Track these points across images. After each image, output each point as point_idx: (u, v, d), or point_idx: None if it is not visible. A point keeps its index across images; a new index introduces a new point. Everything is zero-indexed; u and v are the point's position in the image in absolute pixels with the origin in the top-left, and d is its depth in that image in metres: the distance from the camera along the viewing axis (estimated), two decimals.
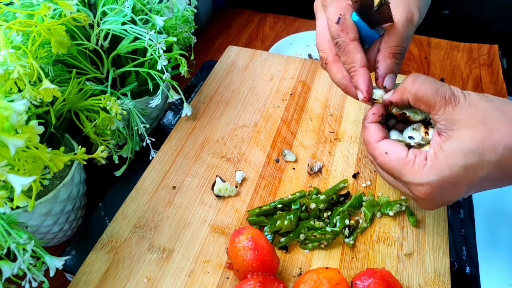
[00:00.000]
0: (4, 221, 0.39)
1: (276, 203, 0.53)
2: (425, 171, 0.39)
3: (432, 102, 0.40)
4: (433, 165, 0.39)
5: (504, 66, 0.90)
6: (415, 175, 0.40)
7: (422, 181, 0.39)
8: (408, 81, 0.42)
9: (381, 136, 0.44)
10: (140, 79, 0.60)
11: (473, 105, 0.38)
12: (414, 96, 0.41)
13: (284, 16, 1.04)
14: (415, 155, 0.41)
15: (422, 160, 0.40)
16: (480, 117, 0.37)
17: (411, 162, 0.40)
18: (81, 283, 0.47)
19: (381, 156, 0.43)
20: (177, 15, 0.63)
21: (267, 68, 0.76)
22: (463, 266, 0.49)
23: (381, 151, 0.43)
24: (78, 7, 0.51)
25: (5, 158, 0.37)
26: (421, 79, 0.41)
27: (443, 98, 0.39)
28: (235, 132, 0.64)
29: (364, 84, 0.44)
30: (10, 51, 0.40)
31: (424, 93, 0.40)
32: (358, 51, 0.44)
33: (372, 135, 0.44)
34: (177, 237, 0.51)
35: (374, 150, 0.44)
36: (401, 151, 0.41)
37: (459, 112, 0.38)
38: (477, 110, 0.38)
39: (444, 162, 0.38)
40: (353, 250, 0.50)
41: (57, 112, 0.50)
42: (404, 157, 0.41)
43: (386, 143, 0.43)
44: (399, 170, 0.41)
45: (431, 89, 0.40)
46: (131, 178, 0.58)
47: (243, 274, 0.44)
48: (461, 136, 0.38)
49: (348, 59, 0.44)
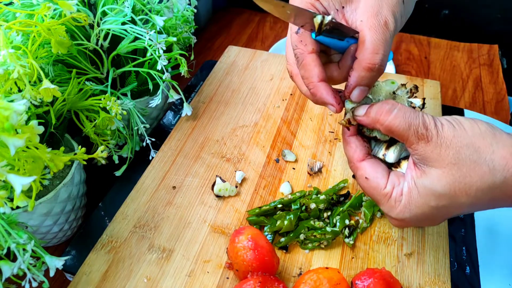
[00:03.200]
0: (4, 221, 0.38)
1: (276, 203, 0.53)
2: (400, 208, 0.39)
3: (405, 137, 0.38)
4: (407, 203, 0.39)
5: (504, 66, 0.90)
6: (390, 209, 0.40)
7: (396, 217, 0.40)
8: (381, 112, 0.39)
9: (363, 153, 0.43)
10: (140, 79, 0.60)
11: (444, 144, 0.37)
12: (386, 129, 0.39)
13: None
14: (392, 186, 0.40)
15: (398, 196, 0.40)
16: (452, 158, 0.36)
17: (388, 195, 0.40)
18: (81, 283, 0.47)
19: (361, 179, 0.42)
20: (177, 15, 0.63)
21: (267, 68, 0.76)
22: (463, 266, 0.49)
23: (362, 174, 0.42)
24: (78, 7, 0.51)
25: (5, 158, 0.37)
26: (394, 112, 0.38)
27: (415, 134, 0.38)
28: (235, 132, 0.64)
29: (328, 97, 0.40)
30: (10, 51, 0.40)
31: (397, 127, 0.38)
32: (316, 65, 0.40)
33: (354, 152, 0.43)
34: (177, 237, 0.51)
35: (356, 170, 0.43)
36: (381, 180, 0.41)
37: (432, 150, 0.37)
38: (449, 150, 0.36)
39: (417, 200, 0.38)
40: (353, 250, 0.50)
41: (57, 112, 0.50)
42: (382, 189, 0.40)
43: (368, 166, 0.42)
44: (377, 200, 0.41)
45: (403, 124, 0.38)
46: (131, 178, 0.58)
47: (243, 274, 0.44)
48: (433, 176, 0.37)
49: (306, 73, 0.41)
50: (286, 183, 0.57)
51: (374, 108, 0.40)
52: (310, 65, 0.40)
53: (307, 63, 0.40)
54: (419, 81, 0.72)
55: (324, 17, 0.37)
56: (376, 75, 0.40)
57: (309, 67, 0.40)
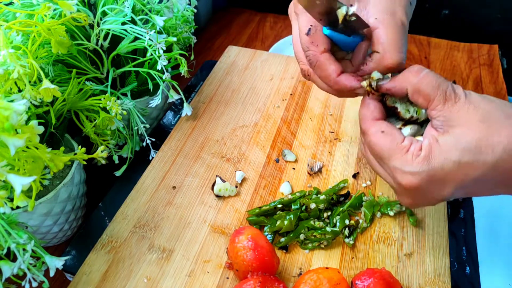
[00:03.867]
0: (4, 221, 0.38)
1: (276, 203, 0.53)
2: (417, 161, 0.37)
3: (432, 96, 0.38)
4: (426, 156, 0.37)
5: (504, 66, 0.90)
6: (406, 162, 0.38)
7: (413, 170, 0.38)
8: (411, 72, 0.39)
9: (381, 116, 0.42)
10: (140, 79, 0.60)
11: (473, 104, 0.37)
12: (414, 88, 0.39)
13: (284, 16, 1.04)
14: (411, 142, 0.39)
15: (417, 150, 0.38)
16: (480, 116, 0.36)
17: (405, 148, 0.38)
18: (81, 283, 0.47)
19: (376, 134, 0.40)
20: (177, 15, 0.63)
21: (267, 68, 0.76)
22: (463, 266, 0.49)
23: (377, 129, 0.40)
24: (78, 7, 0.51)
25: (5, 158, 0.37)
26: (424, 71, 0.39)
27: (443, 94, 0.38)
28: (235, 132, 0.64)
29: (354, 83, 0.41)
30: (10, 51, 0.40)
31: (426, 86, 0.38)
32: (330, 63, 0.41)
33: (372, 112, 0.41)
34: (177, 237, 0.51)
35: (370, 127, 0.41)
36: (398, 135, 0.39)
37: (458, 110, 0.37)
38: (478, 110, 0.37)
39: (438, 155, 0.37)
40: (353, 250, 0.50)
41: (57, 112, 0.50)
42: (400, 142, 0.39)
43: (385, 123, 0.41)
44: (391, 154, 0.39)
45: (432, 83, 0.38)
46: (131, 178, 0.58)
47: (243, 274, 0.44)
48: (458, 133, 0.36)
49: (323, 72, 0.42)
50: (286, 183, 0.57)
51: (402, 72, 0.40)
52: (325, 65, 0.41)
53: (321, 63, 0.41)
54: None
55: (348, 8, 0.38)
56: None
57: (325, 67, 0.41)
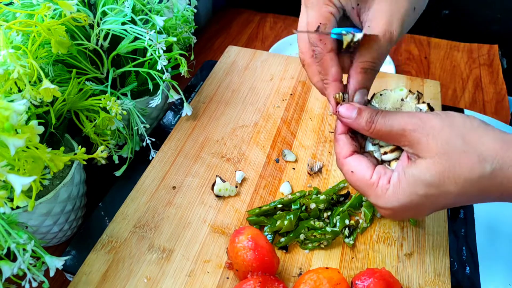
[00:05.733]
0: (4, 221, 0.39)
1: (276, 203, 0.53)
2: (387, 196, 0.39)
3: (390, 140, 0.40)
4: (395, 191, 0.39)
5: (504, 66, 0.90)
6: (377, 198, 0.40)
7: (384, 205, 0.40)
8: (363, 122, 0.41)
9: (350, 150, 0.43)
10: (140, 79, 0.60)
11: (432, 134, 0.37)
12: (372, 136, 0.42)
13: (284, 16, 1.04)
14: (379, 176, 0.40)
15: (385, 184, 0.40)
16: (440, 148, 0.36)
17: (374, 184, 0.40)
18: (81, 283, 0.47)
19: (347, 174, 0.43)
20: (177, 15, 0.63)
21: (267, 68, 0.76)
22: (463, 266, 0.49)
23: (348, 169, 0.42)
24: (78, 7, 0.51)
25: (5, 158, 0.37)
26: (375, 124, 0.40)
27: (399, 134, 0.39)
28: (235, 132, 0.64)
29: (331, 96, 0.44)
30: (10, 51, 0.40)
31: (381, 137, 0.41)
32: (333, 65, 0.42)
33: (341, 149, 0.44)
34: (177, 237, 0.51)
35: (342, 166, 0.43)
36: (366, 172, 0.41)
37: (418, 141, 0.38)
38: (437, 141, 0.37)
39: (405, 189, 0.38)
40: (353, 250, 0.50)
41: (57, 112, 0.50)
42: (368, 179, 0.41)
43: (353, 160, 0.42)
44: (364, 191, 0.41)
45: (386, 131, 0.40)
46: (131, 178, 0.58)
47: (243, 274, 0.44)
48: (422, 165, 0.37)
49: (323, 70, 0.43)
50: (286, 183, 0.57)
51: (356, 119, 0.42)
52: (328, 64, 0.43)
53: (325, 62, 0.43)
54: (419, 81, 0.72)
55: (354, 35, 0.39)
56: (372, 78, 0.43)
57: (327, 66, 0.43)
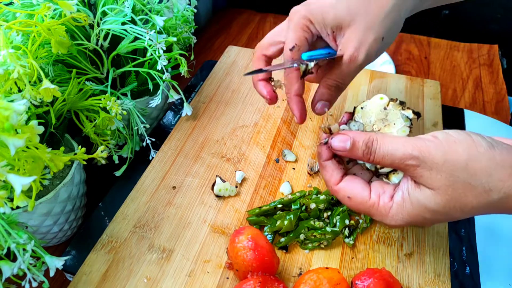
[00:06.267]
0: (4, 221, 0.38)
1: (276, 203, 0.53)
2: (391, 214, 0.40)
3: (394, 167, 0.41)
4: (399, 210, 0.39)
5: (504, 66, 0.90)
6: (382, 216, 0.40)
7: (389, 223, 0.40)
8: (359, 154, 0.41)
9: (340, 176, 0.43)
10: (140, 79, 0.60)
11: (435, 168, 0.36)
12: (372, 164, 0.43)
13: (284, 16, 1.03)
14: (378, 195, 0.41)
15: (387, 202, 0.40)
16: (445, 180, 0.36)
17: (375, 204, 0.40)
18: (81, 283, 0.47)
19: (344, 200, 0.43)
20: (177, 15, 0.63)
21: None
22: (463, 266, 0.49)
23: (343, 195, 0.42)
24: (78, 7, 0.51)
25: (5, 158, 0.37)
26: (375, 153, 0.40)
27: (401, 166, 0.39)
28: (235, 132, 0.64)
29: (297, 111, 0.49)
30: (10, 51, 0.40)
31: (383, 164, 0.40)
32: (297, 82, 0.47)
33: (331, 176, 0.43)
34: (177, 237, 0.51)
35: (336, 194, 0.43)
36: (363, 193, 0.41)
37: (421, 174, 0.37)
38: (442, 173, 0.36)
39: (409, 210, 0.39)
40: (353, 250, 0.50)
41: (57, 112, 0.50)
42: (367, 200, 0.41)
43: (346, 184, 0.42)
44: (367, 212, 0.41)
45: (388, 163, 0.40)
46: (131, 178, 0.58)
47: (243, 274, 0.44)
48: (427, 194, 0.37)
49: (287, 85, 0.49)
50: (286, 183, 0.57)
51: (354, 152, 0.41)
52: (292, 80, 0.48)
53: (291, 78, 0.48)
54: (419, 81, 0.72)
55: (307, 65, 0.45)
56: (335, 94, 0.48)
57: (291, 82, 0.48)
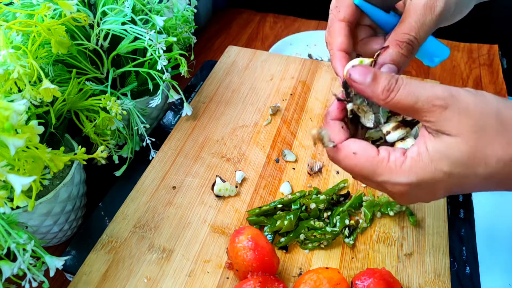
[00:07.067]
0: (4, 221, 0.38)
1: (276, 203, 0.53)
2: (404, 169, 0.35)
3: (414, 112, 0.35)
4: (414, 165, 0.35)
5: (504, 66, 0.90)
6: (391, 173, 0.35)
7: (401, 180, 0.35)
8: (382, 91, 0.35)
9: (344, 137, 0.38)
10: (140, 79, 0.59)
11: (464, 111, 0.33)
12: (391, 108, 0.36)
13: (284, 16, 1.04)
14: (387, 151, 0.36)
15: (398, 157, 0.35)
16: (473, 126, 0.33)
17: (385, 159, 0.36)
18: (81, 283, 0.47)
19: (348, 158, 0.37)
20: (177, 15, 0.63)
21: (267, 68, 0.76)
22: (463, 266, 0.49)
23: (347, 153, 0.37)
24: (78, 7, 0.51)
25: (5, 158, 0.37)
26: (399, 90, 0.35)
27: (426, 105, 0.34)
28: (235, 132, 0.64)
29: (338, 67, 0.40)
30: (10, 51, 0.40)
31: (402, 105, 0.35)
32: (340, 34, 0.40)
33: (335, 135, 0.38)
34: (177, 237, 0.51)
35: (339, 152, 0.38)
36: (372, 150, 0.36)
37: (449, 118, 0.33)
38: (470, 118, 0.33)
39: (427, 164, 0.34)
40: (353, 250, 0.50)
41: (57, 112, 0.50)
42: (376, 155, 0.36)
43: (352, 142, 0.37)
44: (373, 170, 0.36)
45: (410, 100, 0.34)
46: (131, 178, 0.58)
47: (243, 274, 0.44)
48: (449, 143, 0.33)
49: (330, 39, 0.41)
50: (286, 183, 0.57)
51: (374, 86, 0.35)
52: (335, 33, 0.40)
53: (333, 30, 0.40)
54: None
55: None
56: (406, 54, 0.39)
57: (334, 34, 0.40)
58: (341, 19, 0.40)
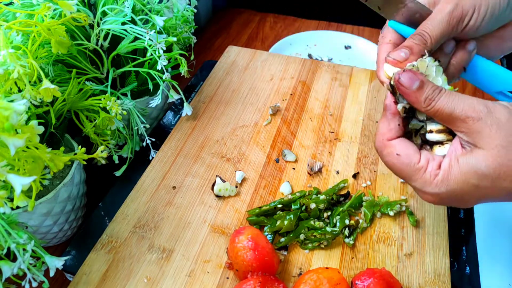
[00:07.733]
0: (4, 221, 0.38)
1: (276, 203, 0.53)
2: (436, 182, 0.38)
3: (449, 121, 0.38)
4: (445, 178, 0.37)
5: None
6: (425, 183, 0.38)
7: (432, 191, 0.38)
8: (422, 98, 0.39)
9: (396, 135, 0.41)
10: (140, 79, 0.60)
11: (496, 124, 0.35)
12: (429, 114, 0.39)
13: (284, 16, 1.04)
14: (427, 160, 0.39)
15: (434, 169, 0.38)
16: (503, 139, 0.34)
17: (423, 169, 0.38)
18: (81, 283, 0.47)
19: (390, 156, 0.40)
20: (177, 15, 0.63)
21: (267, 68, 0.76)
22: (463, 266, 0.49)
23: (391, 151, 0.40)
24: (78, 7, 0.51)
25: (5, 158, 0.37)
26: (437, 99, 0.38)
27: (460, 116, 0.36)
28: (235, 132, 0.64)
29: (382, 77, 0.44)
30: (10, 51, 0.40)
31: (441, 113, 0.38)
32: (386, 50, 0.44)
33: (388, 130, 0.41)
34: (177, 237, 0.51)
35: (385, 148, 0.41)
36: (414, 156, 0.39)
37: (480, 129, 0.35)
38: (501, 131, 0.34)
39: (457, 177, 0.36)
40: (353, 250, 0.50)
41: (57, 112, 0.50)
42: (417, 163, 0.39)
43: (398, 143, 0.40)
44: (409, 176, 0.39)
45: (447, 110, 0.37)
46: (131, 178, 0.58)
47: (243, 274, 0.44)
48: (479, 155, 0.35)
49: (378, 55, 0.46)
50: (286, 183, 0.57)
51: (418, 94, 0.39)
52: (381, 52, 0.45)
53: (380, 50, 0.45)
54: None
55: None
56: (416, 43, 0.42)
57: (380, 52, 0.45)
58: (386, 43, 0.45)
